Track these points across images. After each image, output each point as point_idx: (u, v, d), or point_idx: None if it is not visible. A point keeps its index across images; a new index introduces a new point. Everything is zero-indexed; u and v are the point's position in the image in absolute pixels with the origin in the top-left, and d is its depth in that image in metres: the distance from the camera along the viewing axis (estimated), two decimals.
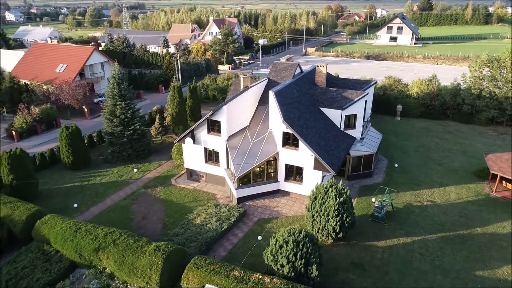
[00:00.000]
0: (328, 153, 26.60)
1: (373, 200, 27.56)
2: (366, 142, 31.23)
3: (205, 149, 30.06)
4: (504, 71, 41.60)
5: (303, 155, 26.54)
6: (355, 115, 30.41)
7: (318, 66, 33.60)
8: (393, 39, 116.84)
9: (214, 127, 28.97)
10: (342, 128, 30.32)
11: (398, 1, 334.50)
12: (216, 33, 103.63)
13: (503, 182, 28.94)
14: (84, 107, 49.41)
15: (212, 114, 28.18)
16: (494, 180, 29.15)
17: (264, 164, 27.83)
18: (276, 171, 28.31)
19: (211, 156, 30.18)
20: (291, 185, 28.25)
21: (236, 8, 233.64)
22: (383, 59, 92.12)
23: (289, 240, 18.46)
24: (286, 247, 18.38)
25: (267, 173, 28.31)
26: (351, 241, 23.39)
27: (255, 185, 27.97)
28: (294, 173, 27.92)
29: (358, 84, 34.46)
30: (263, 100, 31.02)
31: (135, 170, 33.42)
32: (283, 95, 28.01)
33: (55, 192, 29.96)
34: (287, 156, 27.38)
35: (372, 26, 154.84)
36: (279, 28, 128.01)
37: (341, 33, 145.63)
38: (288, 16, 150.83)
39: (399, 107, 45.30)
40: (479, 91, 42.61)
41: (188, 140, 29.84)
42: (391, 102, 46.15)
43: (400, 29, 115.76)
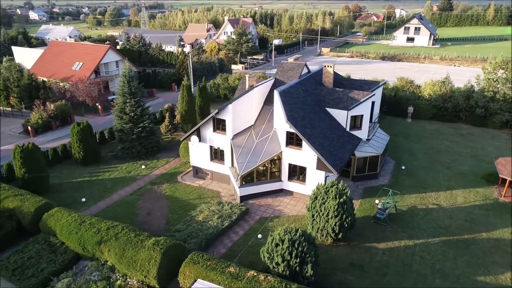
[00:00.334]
0: (332, 154, 26.55)
1: (377, 202, 27.37)
2: (372, 144, 30.98)
3: (211, 147, 30.41)
4: None
5: (306, 155, 26.57)
6: (361, 116, 30.22)
7: (325, 66, 33.50)
8: (410, 40, 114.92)
9: (220, 126, 29.28)
10: (348, 129, 30.18)
11: (419, 1, 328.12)
12: (231, 33, 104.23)
13: None
14: (98, 104, 50.60)
15: (218, 113, 28.50)
16: (504, 185, 28.48)
17: (268, 163, 28.00)
18: (280, 171, 28.43)
19: (216, 154, 30.51)
20: (294, 185, 28.32)
21: (253, 8, 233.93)
22: (399, 60, 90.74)
23: (285, 239, 18.57)
24: (282, 246, 18.51)
25: (271, 172, 28.46)
26: (352, 242, 23.32)
27: (259, 184, 28.16)
28: (298, 173, 27.97)
29: (366, 85, 34.17)
30: (269, 100, 31.11)
31: (143, 167, 34.07)
32: (288, 95, 28.10)
33: (65, 186, 30.84)
34: (291, 156, 27.46)
35: (390, 27, 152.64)
36: (295, 28, 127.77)
37: (358, 34, 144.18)
38: (304, 16, 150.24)
39: (410, 109, 44.63)
40: (493, 94, 41.63)
41: (194, 138, 30.26)
42: (403, 104, 45.51)
43: (418, 30, 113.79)
